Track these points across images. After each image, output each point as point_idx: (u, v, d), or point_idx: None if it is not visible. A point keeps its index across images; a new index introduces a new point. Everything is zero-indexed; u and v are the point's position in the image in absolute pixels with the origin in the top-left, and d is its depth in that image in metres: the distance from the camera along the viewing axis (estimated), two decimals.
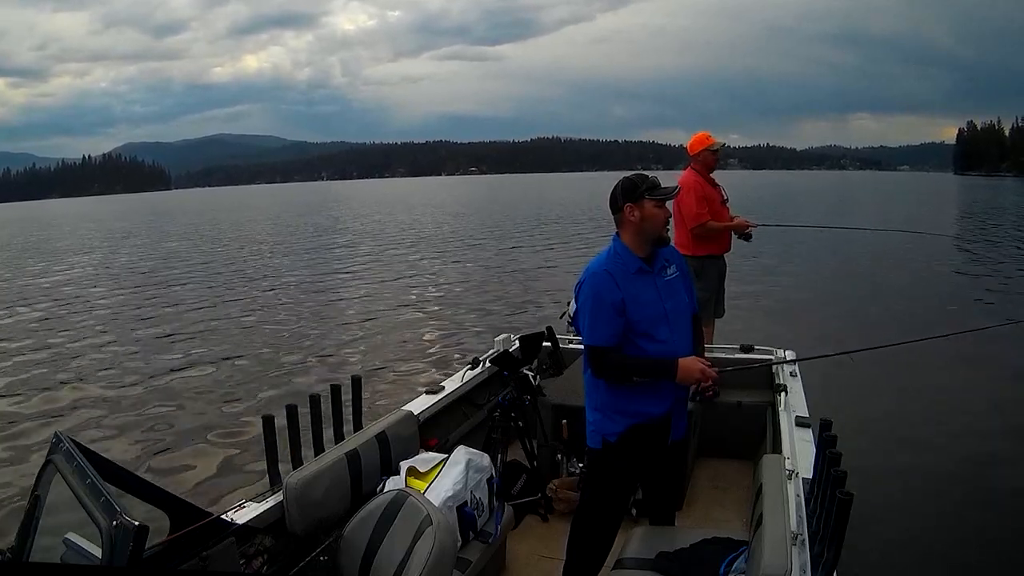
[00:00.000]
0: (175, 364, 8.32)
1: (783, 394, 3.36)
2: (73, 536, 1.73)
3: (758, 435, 3.63)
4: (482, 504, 2.68)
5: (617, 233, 2.41)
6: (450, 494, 2.54)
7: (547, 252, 18.24)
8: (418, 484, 2.60)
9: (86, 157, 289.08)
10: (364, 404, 3.00)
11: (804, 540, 1.97)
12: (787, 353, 3.95)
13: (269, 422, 2.46)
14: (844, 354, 2.86)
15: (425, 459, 2.76)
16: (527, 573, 3.00)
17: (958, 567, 3.66)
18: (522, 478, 3.43)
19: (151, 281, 15.74)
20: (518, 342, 4.03)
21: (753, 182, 78.92)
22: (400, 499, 2.14)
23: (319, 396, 2.75)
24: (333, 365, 7.97)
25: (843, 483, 1.80)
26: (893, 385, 6.14)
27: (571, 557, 2.54)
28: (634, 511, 3.15)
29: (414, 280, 14.43)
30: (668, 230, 2.41)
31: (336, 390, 2.81)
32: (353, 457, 2.57)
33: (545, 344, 4.15)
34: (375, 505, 2.19)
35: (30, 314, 12.06)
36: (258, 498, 2.37)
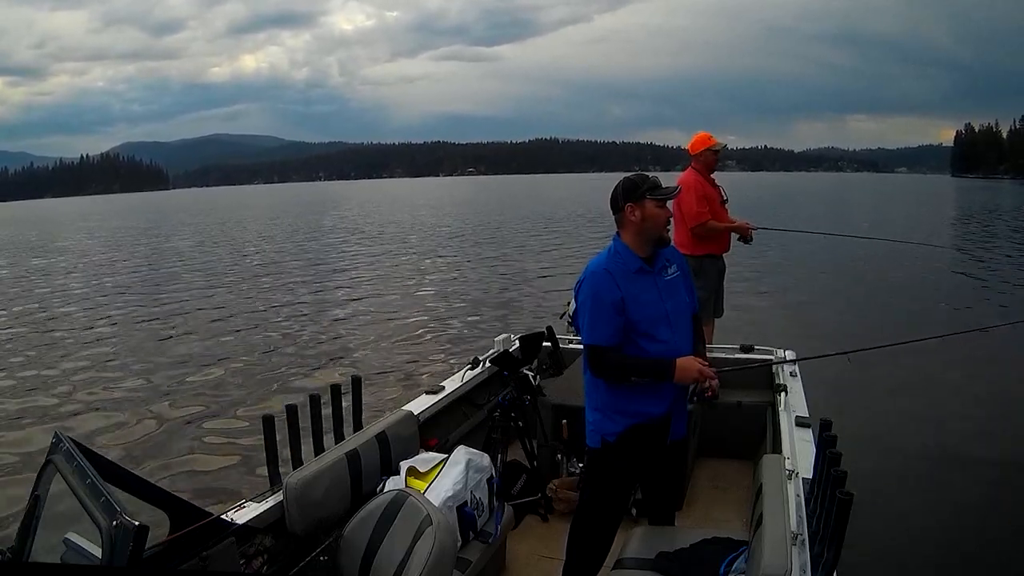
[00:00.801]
0: (175, 364, 8.31)
1: (783, 394, 3.36)
2: (73, 536, 1.73)
3: (758, 435, 3.63)
4: (482, 504, 2.68)
5: (618, 233, 2.41)
6: (450, 494, 2.54)
7: (547, 252, 18.26)
8: (418, 484, 2.59)
9: (84, 156, 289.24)
10: (364, 404, 3.00)
11: (804, 540, 1.97)
12: (787, 353, 3.95)
13: (269, 422, 2.46)
14: (844, 354, 2.87)
15: (425, 459, 2.76)
16: (527, 573, 3.00)
17: (958, 567, 3.66)
18: (522, 478, 3.43)
19: (150, 281, 15.73)
20: (518, 342, 4.03)
21: (751, 183, 79.02)
22: (400, 499, 2.14)
23: (319, 396, 2.75)
24: (333, 365, 7.97)
25: (843, 483, 1.80)
26: (893, 385, 6.15)
27: (571, 557, 2.54)
28: (634, 511, 3.15)
29: (414, 280, 14.43)
30: (668, 230, 2.41)
31: (336, 390, 2.81)
32: (353, 457, 2.57)
33: (545, 344, 4.15)
34: (375, 505, 2.19)
35: (30, 314, 12.04)
36: (258, 498, 2.37)
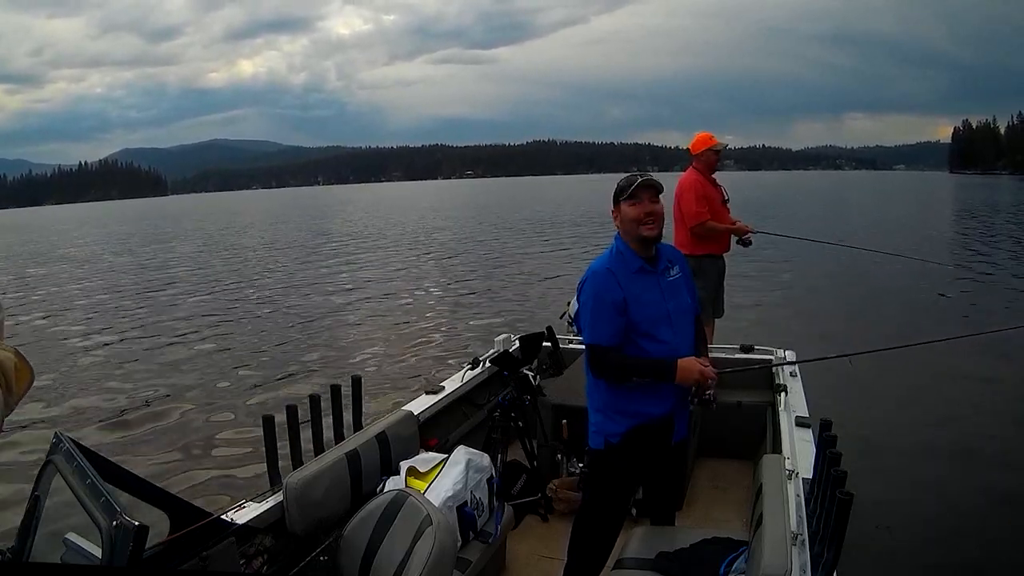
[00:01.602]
0: (175, 364, 8.31)
1: (783, 394, 3.36)
2: (73, 536, 1.73)
3: (758, 435, 3.63)
4: (482, 504, 2.67)
5: (618, 233, 2.42)
6: (450, 494, 2.54)
7: (546, 253, 18.26)
8: (418, 484, 2.59)
9: (82, 163, 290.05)
10: (364, 404, 3.00)
11: (804, 540, 1.97)
12: (787, 353, 3.95)
13: (269, 422, 2.46)
14: (844, 356, 2.86)
15: (425, 459, 2.75)
16: (527, 573, 3.00)
17: (958, 567, 3.65)
18: (522, 478, 3.43)
19: (151, 283, 15.72)
20: (518, 342, 4.03)
21: (750, 183, 79.08)
22: (400, 499, 2.14)
23: (319, 396, 2.75)
24: (333, 365, 7.97)
25: (843, 483, 1.80)
26: (893, 385, 6.14)
27: (572, 558, 2.53)
28: (634, 511, 3.13)
29: (414, 281, 14.44)
30: (650, 227, 2.30)
31: (336, 390, 2.80)
32: (353, 457, 2.57)
33: (545, 344, 4.15)
34: (375, 505, 2.19)
35: (30, 315, 12.02)
36: (258, 498, 2.37)
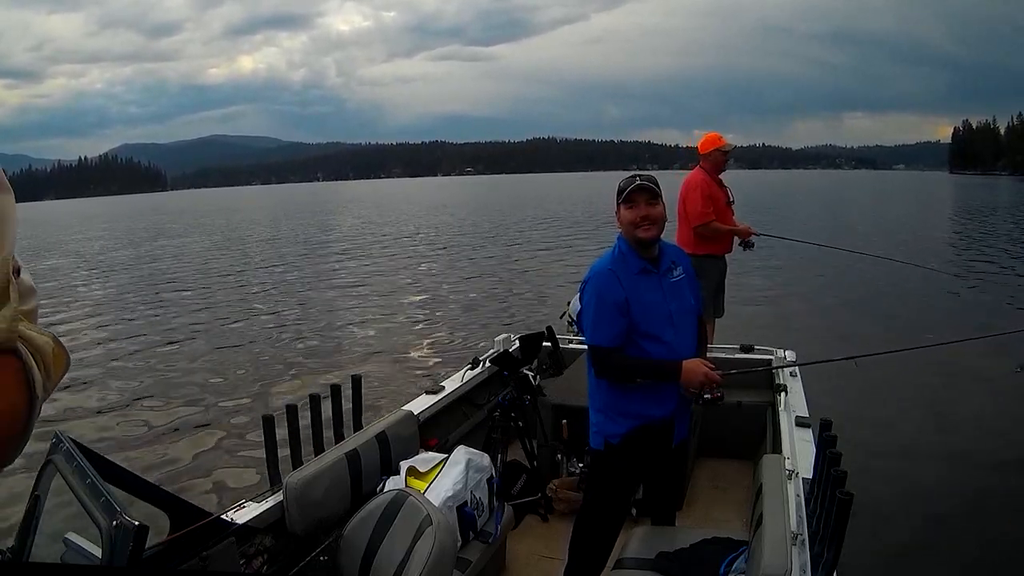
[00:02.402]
0: (175, 364, 8.30)
1: (783, 394, 3.36)
2: (73, 536, 1.73)
3: (758, 435, 3.63)
4: (482, 504, 2.67)
5: (620, 233, 2.41)
6: (450, 494, 2.53)
7: (546, 252, 18.24)
8: (418, 484, 2.59)
9: (82, 158, 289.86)
10: (364, 404, 3.00)
11: (804, 540, 1.97)
12: (787, 353, 3.95)
13: (269, 422, 2.45)
14: (846, 359, 2.84)
15: (425, 459, 2.75)
16: (527, 573, 3.00)
17: (958, 567, 3.66)
18: (522, 478, 3.42)
19: (150, 281, 15.71)
20: (518, 342, 4.02)
21: (750, 181, 78.94)
22: (400, 499, 2.14)
23: (319, 396, 2.74)
24: (333, 365, 7.96)
25: (843, 483, 1.80)
26: (893, 385, 6.13)
27: (573, 558, 2.53)
28: (634, 511, 3.13)
29: (414, 280, 14.43)
30: (647, 229, 2.28)
31: (336, 390, 2.80)
32: (353, 457, 2.57)
33: (545, 344, 4.15)
34: (375, 505, 2.19)
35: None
36: (258, 498, 2.37)
